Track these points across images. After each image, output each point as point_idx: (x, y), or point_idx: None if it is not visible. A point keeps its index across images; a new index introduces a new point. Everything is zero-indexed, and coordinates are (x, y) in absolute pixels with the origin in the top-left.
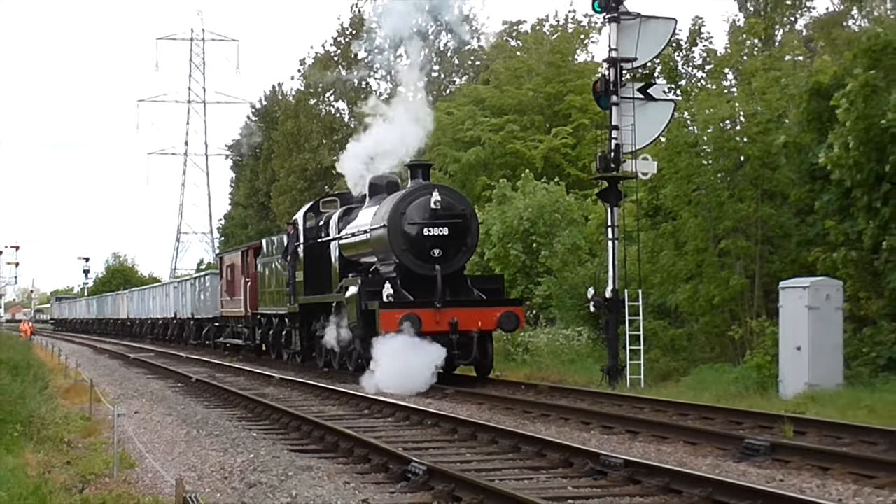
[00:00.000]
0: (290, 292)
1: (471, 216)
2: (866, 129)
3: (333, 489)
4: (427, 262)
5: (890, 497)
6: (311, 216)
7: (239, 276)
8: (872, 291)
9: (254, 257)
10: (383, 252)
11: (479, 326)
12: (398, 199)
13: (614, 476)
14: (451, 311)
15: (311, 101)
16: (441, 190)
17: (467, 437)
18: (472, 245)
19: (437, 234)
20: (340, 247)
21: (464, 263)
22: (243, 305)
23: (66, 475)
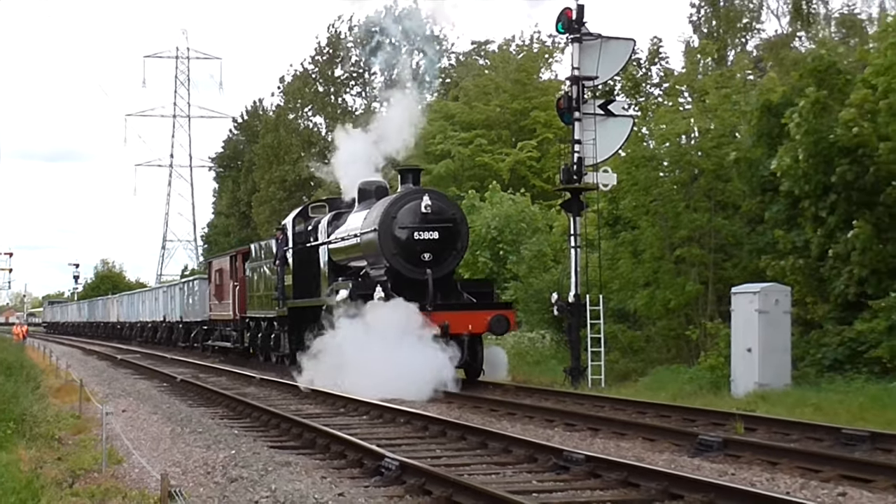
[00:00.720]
0: (278, 296)
1: (461, 220)
2: (815, 143)
3: (311, 483)
4: (417, 266)
5: (835, 490)
6: (300, 221)
7: (227, 280)
8: (819, 296)
9: (242, 262)
10: (373, 256)
11: (469, 329)
12: (389, 203)
13: (576, 471)
14: (441, 315)
15: (291, 116)
16: (431, 194)
17: (437, 434)
18: (461, 249)
19: (428, 238)
20: (330, 251)
21: (454, 267)
22: (231, 309)
23: (56, 470)
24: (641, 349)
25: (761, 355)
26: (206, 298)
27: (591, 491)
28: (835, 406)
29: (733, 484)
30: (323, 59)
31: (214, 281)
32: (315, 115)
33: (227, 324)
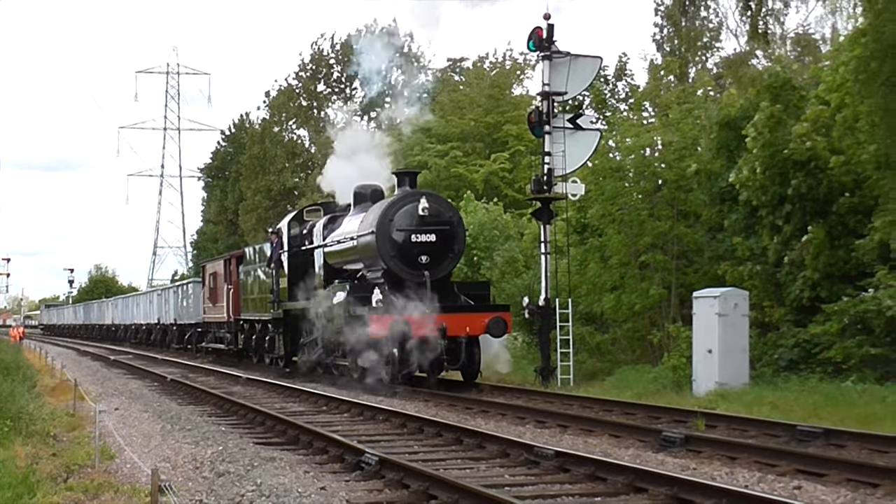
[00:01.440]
0: (273, 299)
1: (458, 223)
2: (771, 156)
3: (294, 478)
4: (415, 269)
5: (790, 483)
6: (295, 224)
7: (221, 283)
8: (775, 300)
9: (236, 265)
10: (370, 258)
11: (467, 332)
12: (386, 205)
13: (546, 465)
14: (439, 317)
15: (276, 129)
16: (428, 197)
17: (415, 431)
18: (458, 251)
19: (425, 240)
20: (325, 254)
21: (451, 270)
22: (226, 311)
23: (52, 466)
24: (608, 350)
25: (721, 356)
26: (200, 301)
27: (561, 485)
28: (790, 404)
29: (695, 478)
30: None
31: (209, 284)
32: (299, 127)
33: (220, 326)
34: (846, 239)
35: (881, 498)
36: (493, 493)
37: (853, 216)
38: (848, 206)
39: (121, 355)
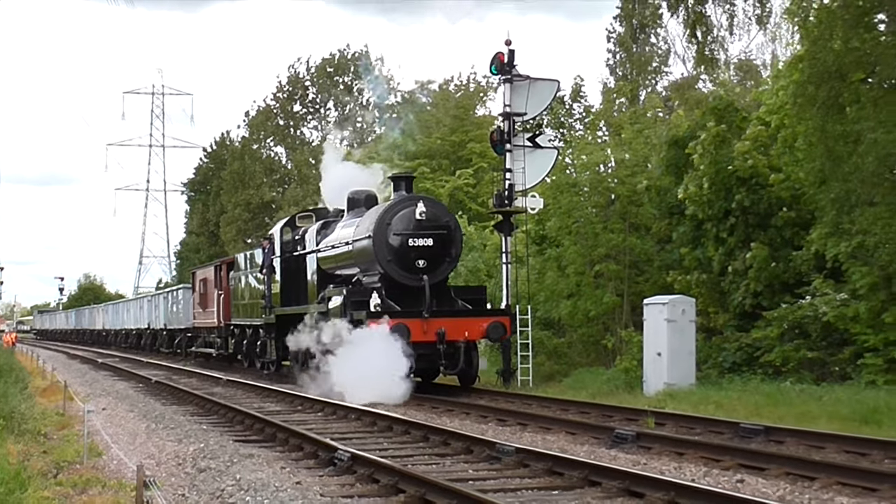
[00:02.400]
0: (265, 304)
1: (455, 227)
2: (716, 173)
3: (272, 473)
4: (412, 273)
5: (734, 477)
6: (288, 230)
7: (212, 289)
8: (719, 307)
9: (227, 272)
10: (366, 263)
11: (465, 336)
12: (383, 210)
13: (507, 461)
14: (438, 321)
15: (254, 146)
16: (426, 201)
17: (385, 429)
18: (455, 256)
19: (422, 244)
20: (319, 259)
21: (448, 274)
22: (216, 317)
23: (42, 462)
24: (565, 353)
25: (669, 359)
26: (190, 307)
27: (521, 479)
28: (734, 403)
29: (645, 472)
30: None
31: (199, 290)
32: (276, 145)
33: (210, 331)
34: (785, 250)
35: (817, 490)
36: (457, 486)
37: (791, 229)
38: (786, 219)
39: (108, 358)
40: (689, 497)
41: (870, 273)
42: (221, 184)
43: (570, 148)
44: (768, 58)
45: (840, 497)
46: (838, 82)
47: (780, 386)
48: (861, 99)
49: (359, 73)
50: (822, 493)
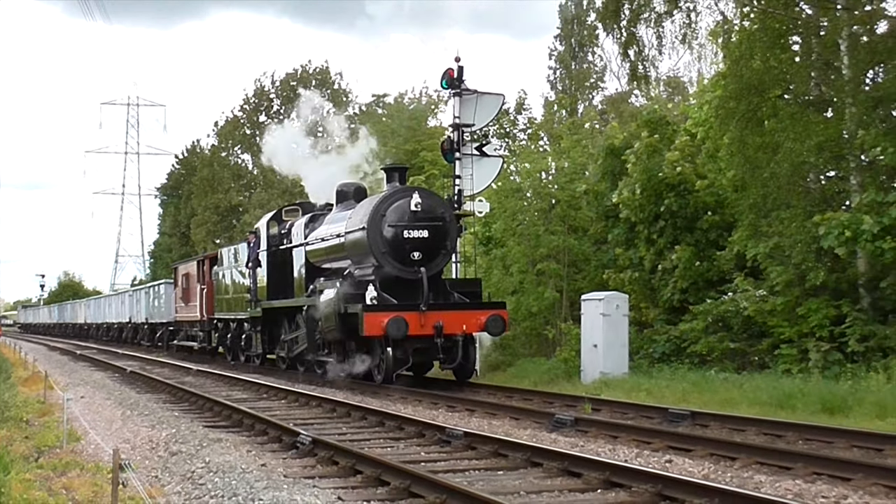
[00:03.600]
0: (251, 298)
1: (450, 219)
2: (648, 179)
3: (238, 456)
4: (407, 265)
5: (663, 458)
6: (274, 224)
7: (194, 283)
8: (650, 302)
9: (209, 267)
10: (359, 255)
11: (463, 330)
12: (378, 201)
13: (456, 444)
14: (435, 315)
15: (223, 154)
16: (421, 192)
17: (343, 415)
18: (451, 248)
19: (417, 236)
20: (307, 253)
21: (443, 266)
22: (199, 311)
23: (24, 447)
24: (509, 345)
25: (604, 350)
26: (172, 301)
27: (469, 460)
28: (663, 390)
29: (582, 454)
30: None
31: (181, 285)
32: (243, 153)
33: (193, 325)
34: (709, 251)
35: (738, 469)
36: (410, 468)
37: (715, 231)
38: (711, 222)
39: (86, 350)
40: (623, 476)
41: (785, 271)
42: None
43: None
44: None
45: (759, 475)
46: (757, 98)
47: (704, 374)
48: (778, 113)
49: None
50: (743, 472)
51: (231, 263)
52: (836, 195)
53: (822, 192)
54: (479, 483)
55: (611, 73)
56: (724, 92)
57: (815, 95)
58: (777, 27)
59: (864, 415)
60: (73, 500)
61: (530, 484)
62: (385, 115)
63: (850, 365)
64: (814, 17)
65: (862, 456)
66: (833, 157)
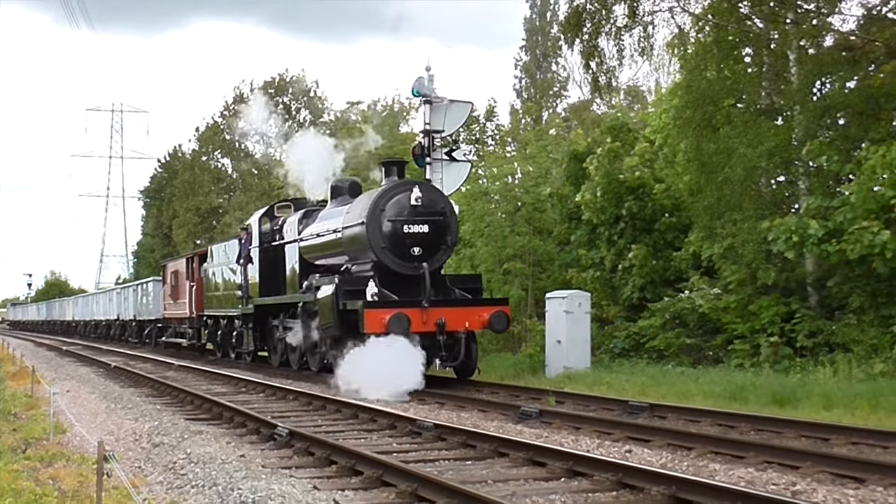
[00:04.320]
0: (242, 294)
1: (450, 214)
2: (609, 183)
3: (219, 447)
4: (406, 261)
5: (623, 448)
6: (266, 220)
7: (183, 281)
8: (611, 300)
9: (199, 264)
10: (357, 251)
11: (466, 327)
12: (377, 195)
13: (427, 436)
14: (437, 311)
15: (203, 158)
16: (421, 186)
17: (319, 408)
18: (451, 243)
19: (417, 231)
20: (301, 249)
21: (444, 262)
22: (188, 308)
23: (12, 439)
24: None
25: (568, 345)
26: (160, 298)
27: (439, 451)
28: (623, 384)
29: (547, 444)
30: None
31: (170, 282)
32: (223, 157)
33: (182, 322)
34: (667, 251)
35: (694, 458)
36: (383, 458)
37: (672, 232)
38: (668, 224)
39: (72, 346)
40: (585, 465)
41: (738, 271)
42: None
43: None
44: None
45: (713, 464)
46: (711, 106)
47: (662, 369)
48: (732, 121)
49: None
50: (698, 461)
51: (221, 260)
52: (786, 199)
53: (772, 195)
54: (448, 472)
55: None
56: (681, 101)
57: (766, 104)
58: (730, 40)
59: (812, 406)
60: (60, 490)
61: (497, 473)
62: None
63: (799, 359)
64: (764, 31)
65: (810, 445)
66: (783, 163)
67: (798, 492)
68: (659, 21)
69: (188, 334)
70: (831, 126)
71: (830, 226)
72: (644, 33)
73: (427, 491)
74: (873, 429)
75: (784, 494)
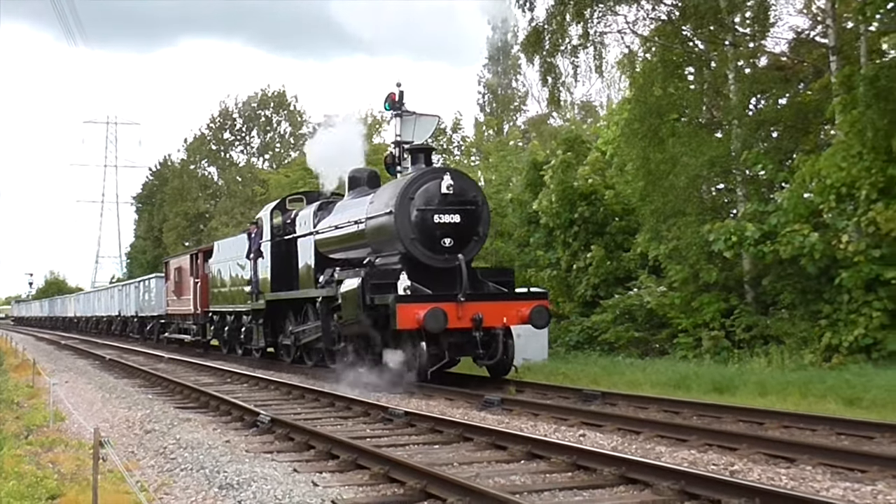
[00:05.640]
0: (252, 290)
1: (482, 203)
2: (563, 190)
3: (206, 434)
4: (437, 253)
5: (577, 432)
6: (278, 213)
7: (187, 277)
8: (567, 298)
9: (203, 260)
10: (382, 242)
11: (503, 322)
12: (406, 183)
13: (398, 422)
14: (474, 306)
15: (191, 167)
16: (452, 173)
17: (298, 397)
18: (483, 234)
19: (449, 221)
20: (317, 242)
21: (475, 254)
22: (192, 304)
23: (15, 426)
24: None
25: (527, 339)
26: (163, 295)
27: (409, 436)
28: (577, 374)
29: (507, 430)
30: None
31: (173, 278)
32: (210, 166)
33: (186, 318)
34: (617, 252)
35: (642, 442)
36: (357, 443)
37: (622, 235)
38: (618, 227)
39: (70, 341)
40: (543, 448)
41: (682, 270)
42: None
43: None
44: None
45: (659, 447)
46: (658, 120)
47: (613, 360)
48: (676, 133)
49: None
50: (646, 444)
51: (228, 256)
52: (725, 204)
53: (713, 201)
54: (418, 456)
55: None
56: (630, 115)
57: (707, 118)
58: (674, 60)
59: (748, 393)
60: (59, 473)
61: (462, 456)
62: None
63: (737, 351)
64: (705, 52)
65: (746, 429)
66: (722, 172)
67: (735, 471)
68: (610, 42)
69: (192, 330)
70: (766, 138)
71: (765, 229)
72: (596, 53)
73: (398, 473)
74: (803, 413)
75: (723, 474)
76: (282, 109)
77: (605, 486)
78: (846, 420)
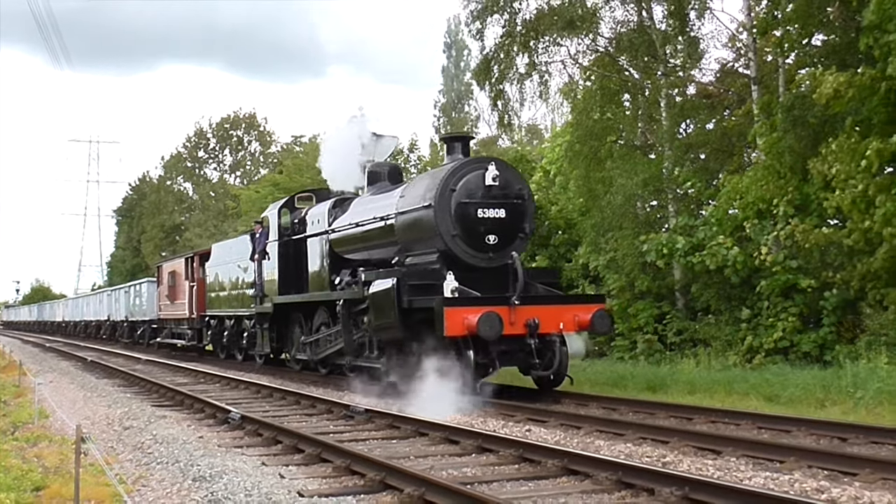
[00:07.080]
0: (256, 292)
1: (529, 197)
2: None
3: (180, 430)
4: (480, 251)
5: (524, 427)
6: (286, 212)
7: (182, 281)
8: None
9: (199, 264)
10: (416, 240)
11: (560, 328)
12: (446, 174)
13: (359, 419)
14: (528, 310)
15: (168, 183)
16: (498, 164)
17: (266, 396)
18: (529, 231)
19: (493, 216)
20: (332, 241)
21: (521, 253)
22: (187, 308)
23: (2, 423)
24: None
25: None
26: (154, 299)
27: (369, 432)
28: None
29: (460, 426)
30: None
31: (167, 282)
32: (185, 182)
33: (180, 322)
34: (561, 262)
35: (583, 436)
36: (321, 438)
37: (565, 246)
38: (561, 240)
39: (54, 343)
40: (492, 443)
41: (619, 279)
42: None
43: None
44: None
45: (598, 441)
46: (597, 142)
47: None
48: (613, 154)
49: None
50: (586, 438)
51: (228, 259)
52: (658, 219)
53: (647, 216)
54: (377, 450)
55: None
56: (572, 137)
57: (642, 141)
58: (612, 87)
59: (679, 392)
60: (43, 467)
61: (419, 450)
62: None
63: (669, 353)
64: (640, 81)
65: (677, 424)
66: (655, 190)
67: (667, 462)
68: (554, 70)
69: (187, 335)
70: (694, 160)
71: (694, 241)
72: (541, 80)
73: (359, 466)
74: (728, 409)
75: (656, 465)
76: (252, 130)
77: (549, 477)
78: (766, 415)
